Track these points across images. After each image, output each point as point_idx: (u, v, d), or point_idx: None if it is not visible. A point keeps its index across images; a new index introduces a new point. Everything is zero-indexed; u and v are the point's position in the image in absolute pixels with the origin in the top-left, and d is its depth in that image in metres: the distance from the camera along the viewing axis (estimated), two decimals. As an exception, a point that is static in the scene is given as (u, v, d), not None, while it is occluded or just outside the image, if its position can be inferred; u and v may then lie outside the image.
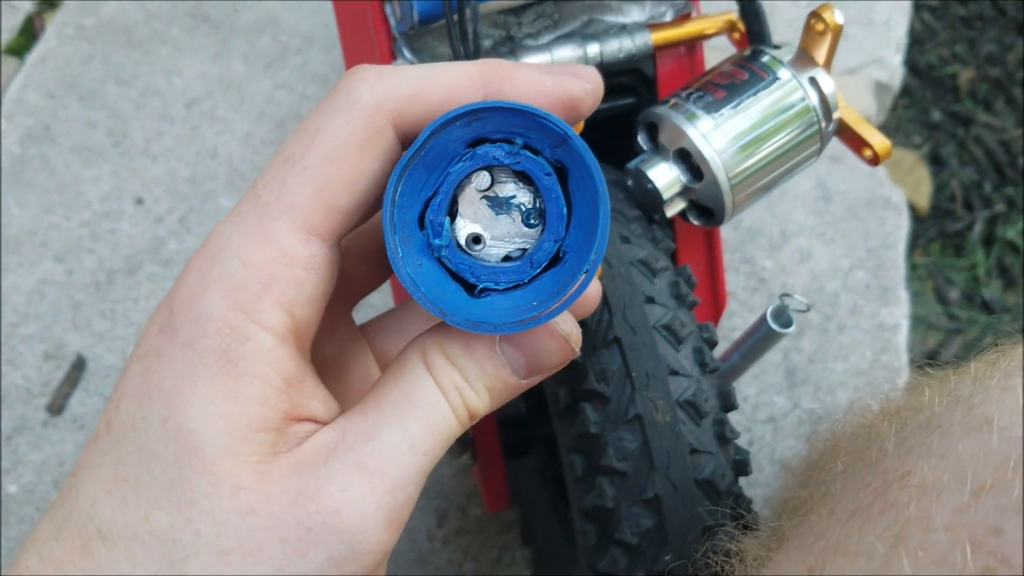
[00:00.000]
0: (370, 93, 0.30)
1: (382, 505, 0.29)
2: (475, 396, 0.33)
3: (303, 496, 0.29)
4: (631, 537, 0.46)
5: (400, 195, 0.30)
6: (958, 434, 0.31)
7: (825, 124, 0.52)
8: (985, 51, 1.34)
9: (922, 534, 0.29)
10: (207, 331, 0.29)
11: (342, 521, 0.29)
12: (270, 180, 0.30)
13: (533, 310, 0.30)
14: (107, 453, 0.30)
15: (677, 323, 0.48)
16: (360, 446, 0.30)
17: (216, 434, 0.29)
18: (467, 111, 0.30)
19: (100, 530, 0.29)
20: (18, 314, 0.97)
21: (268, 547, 0.28)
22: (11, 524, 0.85)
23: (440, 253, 0.31)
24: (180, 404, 0.29)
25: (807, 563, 0.33)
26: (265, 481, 0.29)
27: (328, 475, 0.29)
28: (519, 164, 0.31)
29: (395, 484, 0.30)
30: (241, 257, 0.30)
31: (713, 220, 0.53)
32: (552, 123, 0.30)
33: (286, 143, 0.31)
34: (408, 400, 0.31)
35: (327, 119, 0.30)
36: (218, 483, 0.29)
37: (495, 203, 0.32)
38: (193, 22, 1.18)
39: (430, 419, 0.31)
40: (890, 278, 1.00)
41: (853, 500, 0.33)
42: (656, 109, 0.51)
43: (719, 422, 0.48)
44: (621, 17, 0.55)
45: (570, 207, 0.31)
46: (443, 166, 0.31)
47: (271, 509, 0.29)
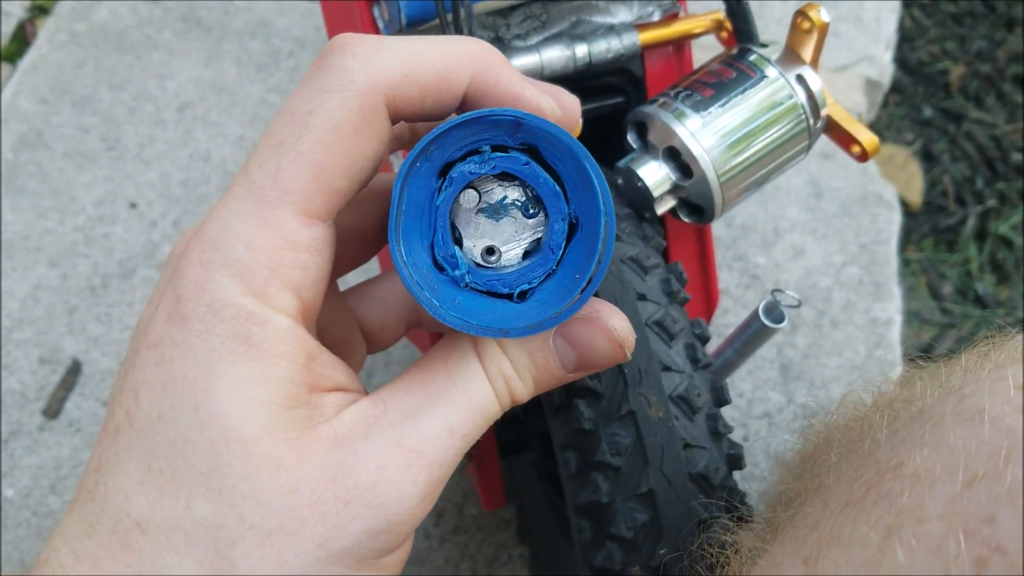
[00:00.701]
0: (363, 72, 0.30)
1: (417, 481, 0.30)
2: (521, 385, 0.33)
3: (341, 471, 0.30)
4: (626, 532, 0.46)
5: (406, 254, 0.30)
6: (950, 425, 0.32)
7: (813, 121, 0.52)
8: (975, 47, 1.34)
9: (915, 524, 0.29)
10: (224, 317, 0.29)
11: (378, 496, 0.30)
12: (263, 164, 0.30)
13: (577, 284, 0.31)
14: (134, 445, 0.30)
15: (669, 319, 0.49)
16: (400, 424, 0.31)
17: (251, 417, 0.29)
18: (420, 149, 0.29)
19: (138, 523, 0.29)
20: (13, 319, 0.97)
21: (309, 524, 0.29)
22: (8, 528, 0.85)
23: (466, 281, 0.32)
24: (209, 391, 0.29)
25: (802, 554, 0.33)
26: (304, 457, 0.30)
27: (366, 450, 0.30)
28: (495, 168, 0.31)
29: (432, 462, 0.31)
30: (245, 243, 0.30)
31: (703, 217, 0.53)
32: (498, 115, 0.30)
33: (276, 124, 0.31)
34: (454, 385, 0.32)
35: (319, 100, 0.30)
36: (258, 465, 0.29)
37: (491, 211, 0.32)
38: (185, 26, 1.18)
39: (472, 405, 0.32)
40: (883, 274, 1.00)
41: (847, 491, 0.34)
42: (645, 108, 0.52)
43: (712, 417, 0.48)
44: (609, 17, 0.56)
45: (559, 179, 0.31)
46: (427, 206, 0.31)
47: (311, 486, 0.29)
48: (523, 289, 0.32)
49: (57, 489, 0.88)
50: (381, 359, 0.93)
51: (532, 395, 0.34)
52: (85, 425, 0.91)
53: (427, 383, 0.32)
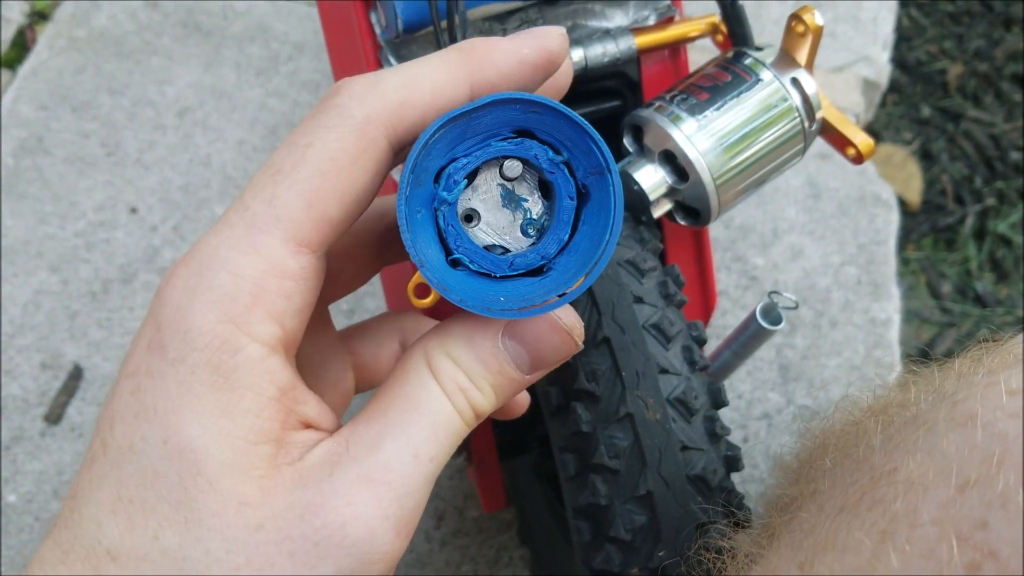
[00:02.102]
0: (359, 107, 0.30)
1: (389, 516, 0.30)
2: (480, 396, 0.32)
3: (308, 511, 0.29)
4: (625, 534, 0.46)
5: (433, 143, 0.30)
6: (943, 430, 0.32)
7: (808, 124, 0.53)
8: (973, 46, 1.34)
9: (909, 529, 0.29)
10: (197, 346, 0.29)
11: (348, 535, 0.29)
12: (258, 192, 0.30)
13: (501, 304, 0.30)
14: (107, 475, 0.30)
15: (666, 322, 0.49)
16: (364, 457, 0.30)
17: (217, 451, 0.29)
18: (533, 100, 0.30)
19: (109, 551, 0.29)
20: (14, 325, 0.97)
21: (278, 562, 0.29)
22: (11, 533, 0.86)
23: (441, 207, 0.31)
24: (177, 423, 0.29)
25: (797, 560, 0.33)
26: (269, 496, 0.29)
27: (332, 489, 0.29)
28: (553, 175, 0.31)
29: (401, 493, 0.30)
30: (230, 269, 0.30)
31: (699, 220, 0.53)
32: (602, 153, 0.30)
33: (274, 157, 0.31)
34: (412, 407, 0.31)
35: (317, 134, 0.30)
36: (224, 500, 0.29)
37: (507, 196, 0.32)
38: (184, 32, 1.19)
39: (435, 424, 0.31)
40: (881, 274, 1.01)
41: (841, 496, 0.34)
42: (641, 112, 0.52)
43: (709, 419, 0.48)
44: (605, 22, 0.56)
45: (573, 231, 0.31)
46: (486, 137, 0.31)
47: (278, 524, 0.29)
48: (459, 259, 0.31)
49: (59, 494, 0.88)
50: (381, 362, 0.93)
51: (495, 406, 0.33)
52: (87, 431, 0.91)
53: (386, 410, 0.31)
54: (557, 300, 0.31)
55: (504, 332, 0.33)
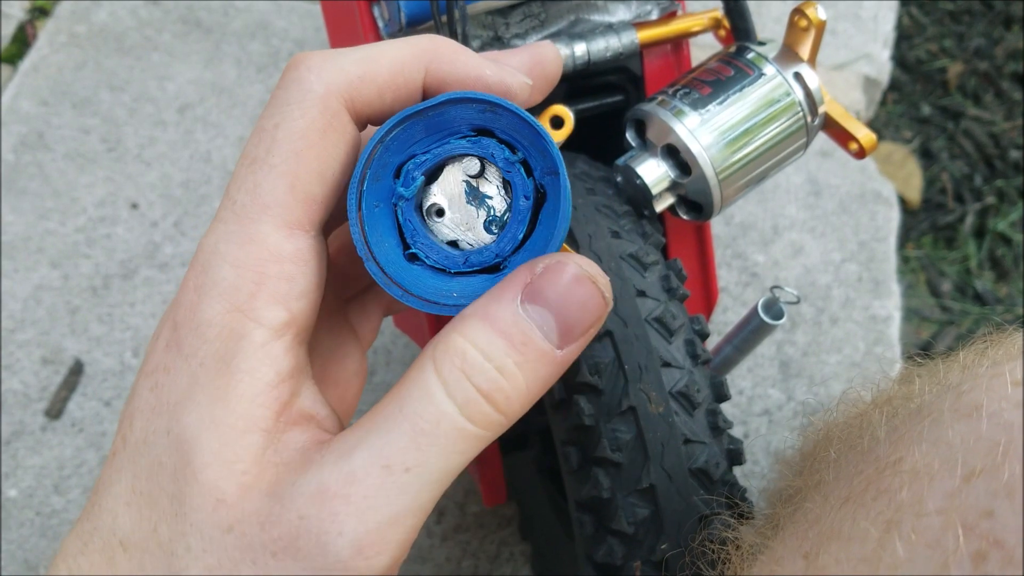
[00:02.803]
0: (318, 80, 0.30)
1: (344, 531, 0.27)
2: (498, 376, 0.28)
3: (269, 520, 0.28)
4: (627, 527, 0.46)
5: (392, 139, 0.30)
6: (948, 421, 0.32)
7: (811, 118, 0.53)
8: (973, 45, 1.35)
9: (914, 518, 0.29)
10: (208, 338, 0.30)
11: (301, 548, 0.27)
12: (241, 184, 0.31)
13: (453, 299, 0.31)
14: (124, 468, 0.30)
15: (668, 316, 0.49)
16: (327, 468, 0.28)
17: (206, 440, 0.29)
18: (490, 101, 0.30)
19: (122, 542, 0.30)
20: (15, 320, 0.97)
21: (243, 568, 0.28)
22: (11, 528, 0.86)
23: (398, 202, 0.31)
24: (181, 414, 0.29)
25: (802, 549, 0.33)
26: (245, 497, 0.28)
27: (290, 499, 0.28)
28: (509, 174, 0.31)
29: (363, 508, 0.27)
30: (232, 262, 0.30)
31: (702, 215, 0.53)
32: (554, 155, 0.30)
33: (249, 145, 0.31)
34: (399, 410, 0.28)
35: (282, 113, 0.30)
36: (204, 495, 0.29)
37: (471, 192, 0.32)
38: (185, 27, 1.19)
39: (419, 429, 0.28)
40: (882, 271, 1.01)
41: (846, 487, 0.34)
42: (644, 106, 0.52)
43: (712, 412, 0.48)
44: (607, 16, 0.56)
45: (530, 232, 0.32)
46: (445, 135, 0.31)
47: (244, 529, 0.28)
48: (416, 254, 0.32)
49: (60, 489, 0.88)
50: (383, 358, 0.93)
51: (528, 392, 0.29)
52: (87, 425, 0.91)
53: (372, 417, 0.29)
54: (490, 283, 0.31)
55: (523, 296, 0.29)
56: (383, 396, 0.30)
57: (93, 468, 0.89)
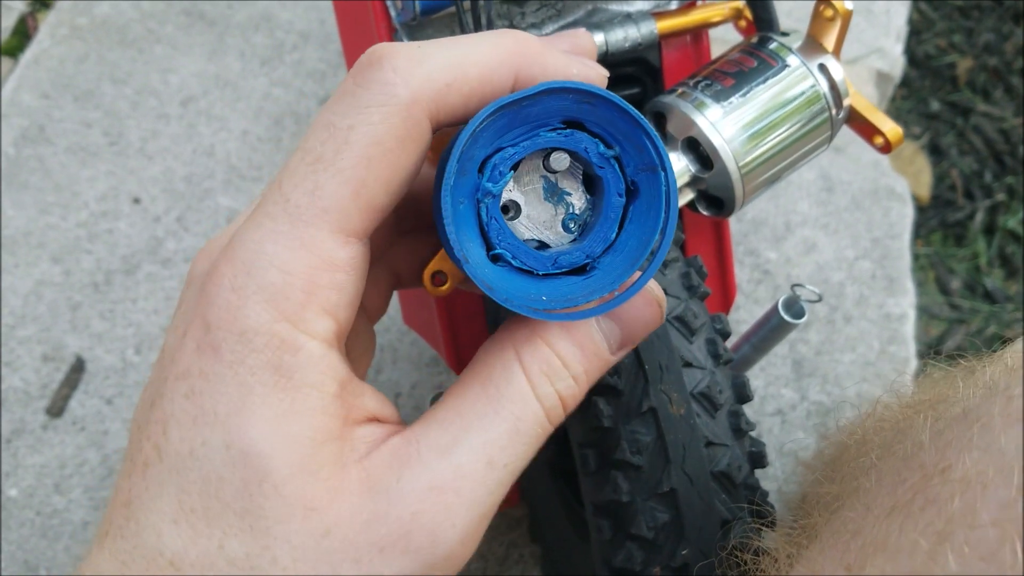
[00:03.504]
0: (405, 86, 0.28)
1: (456, 524, 0.29)
2: (573, 385, 0.31)
3: (375, 518, 0.29)
4: (647, 532, 0.45)
5: (480, 131, 0.28)
6: (1000, 426, 0.31)
7: (836, 111, 0.51)
8: (983, 40, 1.33)
9: (967, 530, 0.28)
10: (256, 347, 0.28)
11: (412, 542, 0.29)
12: (300, 182, 0.29)
13: (543, 303, 0.29)
14: (166, 482, 0.29)
15: (690, 314, 0.47)
16: (434, 463, 0.29)
17: (283, 454, 0.28)
18: (585, 90, 0.28)
19: (172, 562, 0.29)
20: (16, 316, 0.96)
21: (343, 569, 0.28)
22: (11, 528, 0.84)
23: (484, 199, 0.29)
24: (240, 426, 0.28)
25: (845, 561, 0.32)
26: (337, 500, 0.29)
27: (400, 496, 0.29)
28: (602, 170, 0.30)
29: (471, 500, 0.29)
30: (279, 266, 0.28)
31: (723, 211, 0.52)
32: (657, 149, 0.29)
33: (312, 140, 0.29)
34: (493, 410, 0.30)
35: (360, 115, 0.28)
36: (291, 506, 0.28)
37: (550, 189, 0.30)
38: (188, 20, 1.17)
39: (516, 430, 0.30)
40: (896, 268, 0.99)
41: (891, 495, 0.33)
42: (664, 98, 0.50)
43: (734, 414, 0.47)
44: (625, 6, 0.54)
45: (620, 229, 0.30)
46: (534, 127, 0.29)
47: (344, 531, 0.28)
48: (501, 255, 0.30)
49: (61, 488, 0.87)
50: (389, 356, 0.92)
51: (582, 395, 0.32)
52: (89, 423, 0.90)
53: (463, 412, 0.30)
54: (602, 304, 0.29)
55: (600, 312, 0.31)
56: (458, 387, 0.31)
57: (95, 467, 0.88)
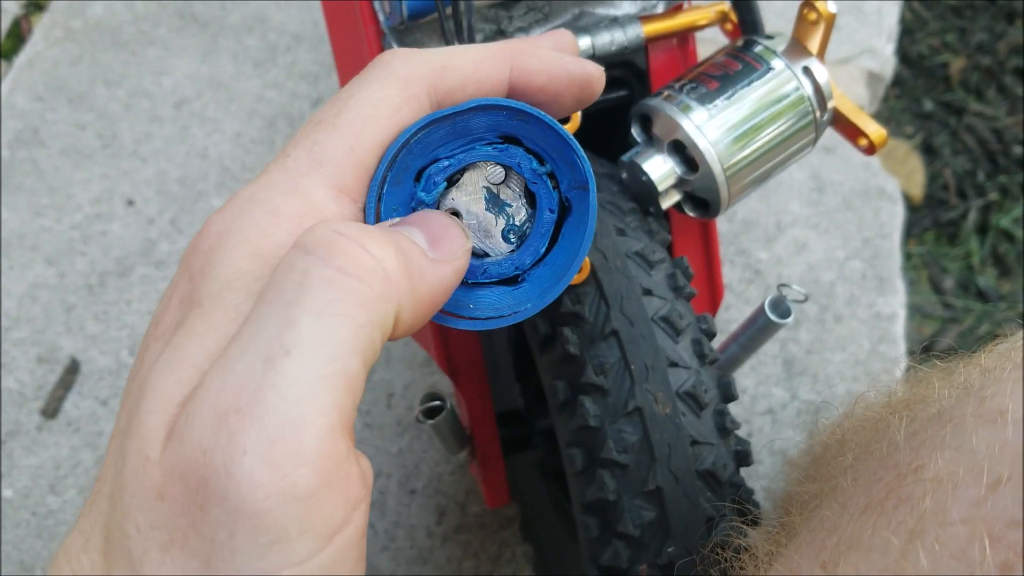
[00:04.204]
0: (403, 64, 0.30)
1: (248, 450, 0.23)
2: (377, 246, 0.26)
3: (182, 469, 0.24)
4: (633, 530, 0.46)
5: (416, 142, 0.29)
6: (971, 426, 0.31)
7: (820, 113, 0.52)
8: (976, 40, 1.34)
9: (938, 528, 0.28)
10: (234, 288, 0.26)
11: (213, 488, 0.23)
12: (300, 140, 0.30)
13: (469, 311, 0.30)
14: None
15: (675, 315, 0.48)
16: (214, 388, 0.24)
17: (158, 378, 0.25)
18: (519, 109, 0.29)
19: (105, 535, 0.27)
20: (10, 318, 0.96)
21: (190, 538, 0.24)
22: (7, 529, 0.85)
23: (417, 207, 0.31)
24: None
25: (820, 558, 0.32)
26: (165, 451, 0.24)
27: (189, 436, 0.24)
28: (536, 186, 0.31)
29: (258, 416, 0.23)
30: (268, 209, 0.28)
31: (709, 212, 0.53)
32: (585, 168, 0.30)
33: (319, 111, 0.30)
34: (261, 300, 0.25)
35: (361, 87, 0.30)
36: (136, 453, 0.25)
37: (491, 201, 0.31)
38: (181, 22, 1.18)
39: (283, 301, 0.24)
40: (886, 267, 1.00)
41: (865, 494, 0.33)
42: (650, 101, 0.51)
43: (719, 413, 0.48)
44: (612, 9, 0.55)
45: (551, 245, 0.31)
46: (470, 140, 0.30)
47: (171, 491, 0.24)
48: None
49: (56, 489, 0.87)
50: (382, 356, 0.92)
51: None
52: (84, 424, 0.90)
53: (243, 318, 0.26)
54: (522, 312, 0.30)
55: None
56: None
57: (89, 468, 0.88)
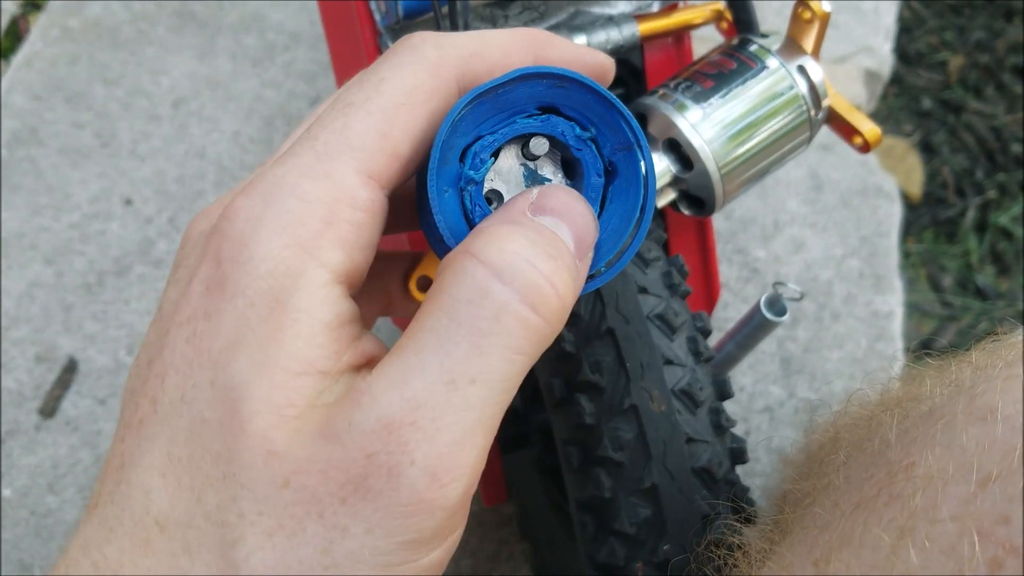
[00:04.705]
0: (434, 49, 0.30)
1: (416, 461, 0.25)
2: (550, 270, 0.26)
3: (331, 466, 0.25)
4: (629, 528, 0.46)
5: (460, 120, 0.29)
6: (962, 424, 0.31)
7: (815, 112, 0.52)
8: (974, 38, 1.34)
9: (929, 525, 0.29)
10: (260, 274, 0.26)
11: (372, 487, 0.25)
12: (329, 123, 0.29)
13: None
14: (157, 435, 0.27)
15: (670, 313, 0.48)
16: (384, 397, 0.25)
17: (255, 385, 0.25)
18: (564, 75, 0.29)
19: (158, 521, 0.26)
20: (8, 317, 0.96)
21: (308, 526, 0.25)
22: (6, 527, 0.85)
23: (467, 187, 0.30)
24: (226, 361, 0.26)
25: (812, 556, 0.32)
26: (296, 444, 0.25)
27: (352, 439, 0.25)
28: (580, 152, 0.30)
29: (432, 432, 0.25)
30: (299, 195, 0.27)
31: (704, 210, 0.53)
32: (631, 126, 0.29)
33: (344, 94, 0.29)
34: (448, 317, 0.26)
35: (392, 71, 0.29)
36: (253, 448, 0.25)
37: (529, 175, 0.31)
38: (179, 21, 1.18)
39: (477, 332, 0.25)
40: (884, 266, 1.00)
41: (857, 492, 0.33)
42: (645, 100, 0.51)
43: (715, 410, 0.48)
44: (608, 8, 0.55)
45: (601, 210, 0.31)
46: (511, 114, 0.30)
47: (303, 481, 0.25)
48: None
49: (55, 488, 0.87)
50: (379, 355, 0.93)
51: (571, 298, 0.27)
52: (82, 424, 0.90)
53: (417, 333, 0.26)
54: (590, 282, 0.30)
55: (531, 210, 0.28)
56: (415, 317, 0.27)
57: (88, 467, 0.88)
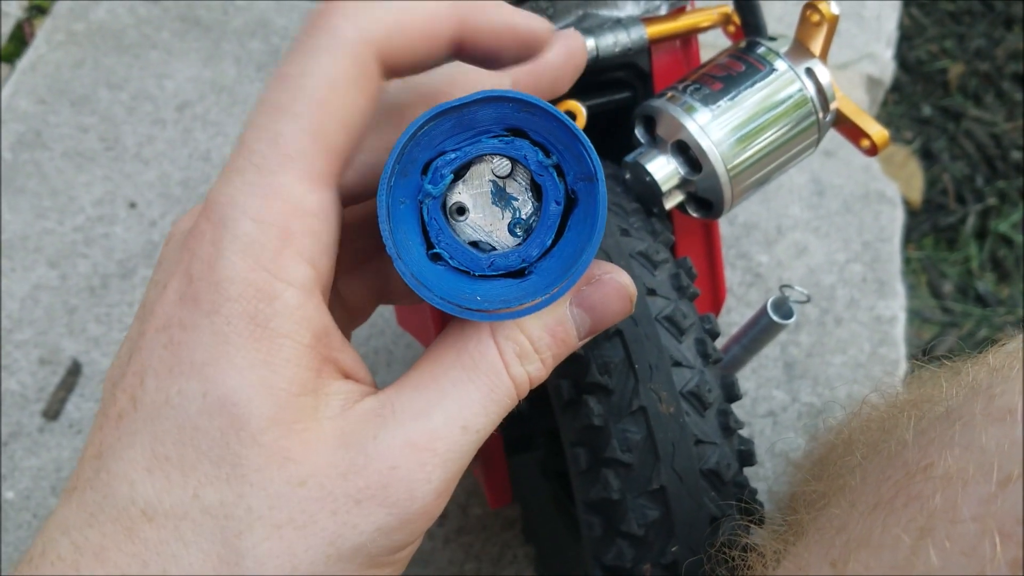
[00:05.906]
0: (352, 28, 0.29)
1: (431, 479, 0.30)
2: (541, 366, 0.33)
3: (352, 471, 0.29)
4: (637, 529, 0.46)
5: (422, 134, 0.29)
6: (980, 425, 0.31)
7: (823, 115, 0.52)
8: (974, 46, 1.34)
9: (949, 525, 0.28)
10: (231, 295, 0.29)
11: (390, 495, 0.30)
12: (261, 132, 0.29)
13: (476, 303, 0.30)
14: (140, 431, 0.29)
15: (679, 314, 0.48)
16: (411, 423, 0.30)
17: (259, 404, 0.29)
18: (527, 101, 0.29)
19: (144, 511, 0.29)
20: (12, 320, 0.96)
21: (319, 520, 0.29)
22: (9, 530, 0.85)
23: (425, 200, 0.30)
24: (216, 376, 0.29)
25: (829, 557, 0.32)
26: (312, 452, 0.29)
27: (378, 452, 0.30)
28: (542, 178, 0.31)
29: (446, 459, 0.31)
30: (253, 216, 0.29)
31: (712, 212, 0.53)
32: (592, 160, 0.30)
33: (268, 93, 0.30)
34: (468, 379, 0.31)
35: (312, 62, 0.29)
36: (268, 456, 0.29)
37: (497, 193, 0.31)
38: (184, 25, 1.18)
39: (488, 400, 0.31)
40: (886, 271, 1.00)
41: (874, 493, 0.33)
42: (653, 102, 0.51)
43: (723, 412, 0.48)
44: (616, 11, 0.55)
45: (559, 236, 0.31)
46: (476, 133, 0.30)
47: (320, 481, 0.29)
48: (439, 253, 0.31)
49: (58, 491, 0.87)
50: (384, 359, 0.93)
51: (549, 373, 0.34)
52: (85, 426, 0.90)
53: (438, 378, 0.32)
54: (533, 305, 0.30)
55: (573, 300, 0.33)
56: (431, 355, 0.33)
57: (91, 469, 0.88)
